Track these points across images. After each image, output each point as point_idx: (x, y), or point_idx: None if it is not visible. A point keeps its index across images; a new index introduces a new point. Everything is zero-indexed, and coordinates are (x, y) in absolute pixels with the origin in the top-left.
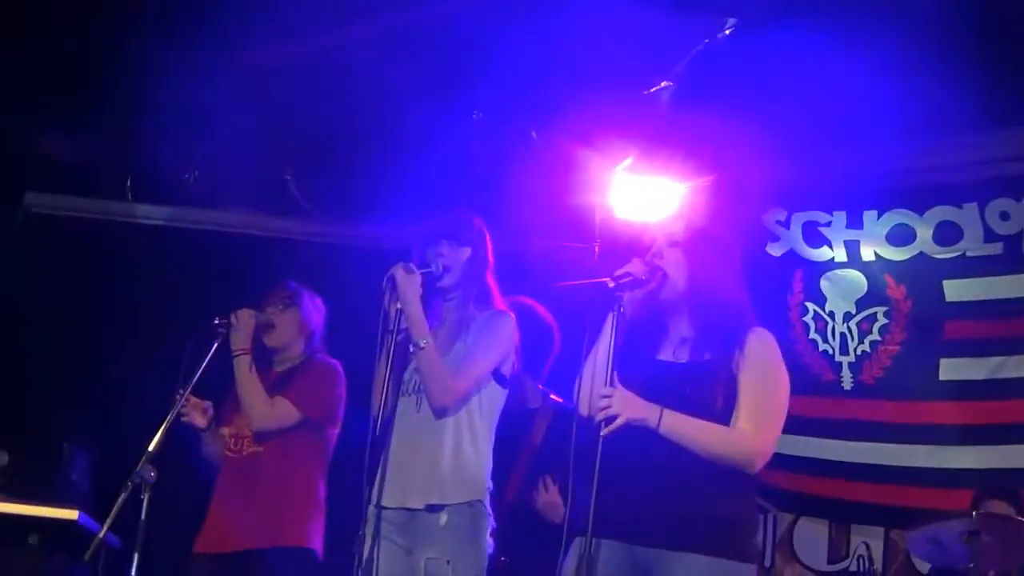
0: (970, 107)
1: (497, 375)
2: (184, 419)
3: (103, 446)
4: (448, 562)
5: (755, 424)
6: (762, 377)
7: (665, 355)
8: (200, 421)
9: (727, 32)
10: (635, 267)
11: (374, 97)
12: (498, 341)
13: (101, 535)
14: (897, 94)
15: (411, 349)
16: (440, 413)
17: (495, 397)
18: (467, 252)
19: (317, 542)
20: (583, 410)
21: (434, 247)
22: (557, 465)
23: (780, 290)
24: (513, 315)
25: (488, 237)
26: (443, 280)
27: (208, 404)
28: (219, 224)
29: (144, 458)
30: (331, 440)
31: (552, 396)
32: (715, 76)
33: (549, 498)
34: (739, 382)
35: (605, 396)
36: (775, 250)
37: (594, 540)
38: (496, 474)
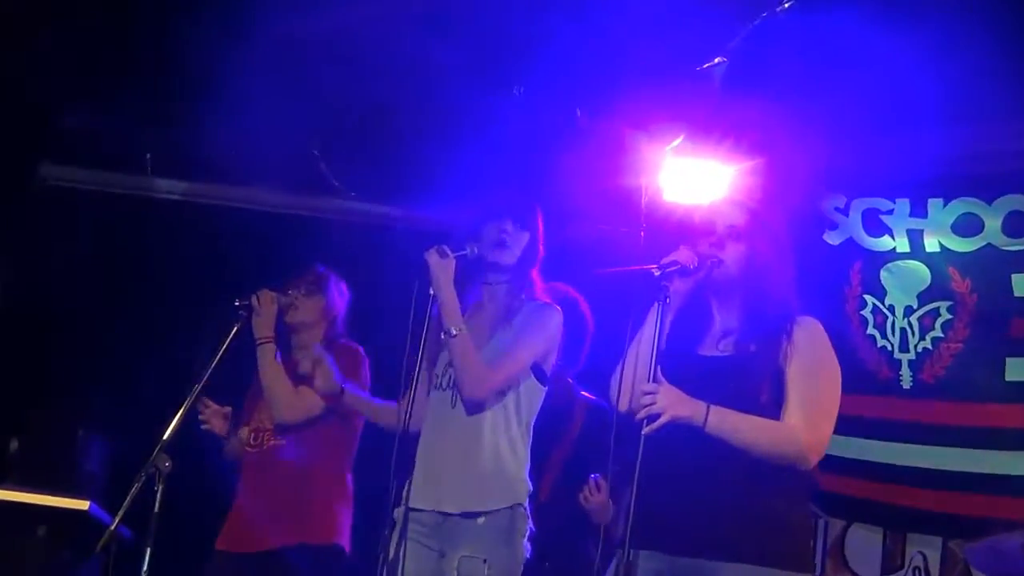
0: None
1: (537, 370)
2: (204, 427)
3: (120, 434)
4: (484, 560)
5: (806, 417)
6: (811, 368)
7: (708, 348)
8: (221, 427)
9: (785, 6)
10: (683, 255)
11: (413, 74)
12: (543, 335)
13: (112, 527)
14: (965, 74)
15: (442, 337)
16: (472, 408)
17: (534, 394)
18: (527, 237)
19: (345, 538)
20: (623, 406)
21: (497, 223)
22: (594, 465)
23: (837, 282)
24: (560, 309)
25: (542, 229)
26: (499, 256)
27: (228, 409)
28: (244, 201)
29: (158, 447)
30: (357, 430)
31: (584, 393)
32: (770, 54)
33: (601, 498)
34: (787, 374)
35: (649, 392)
36: (833, 238)
37: (632, 550)
38: (531, 473)
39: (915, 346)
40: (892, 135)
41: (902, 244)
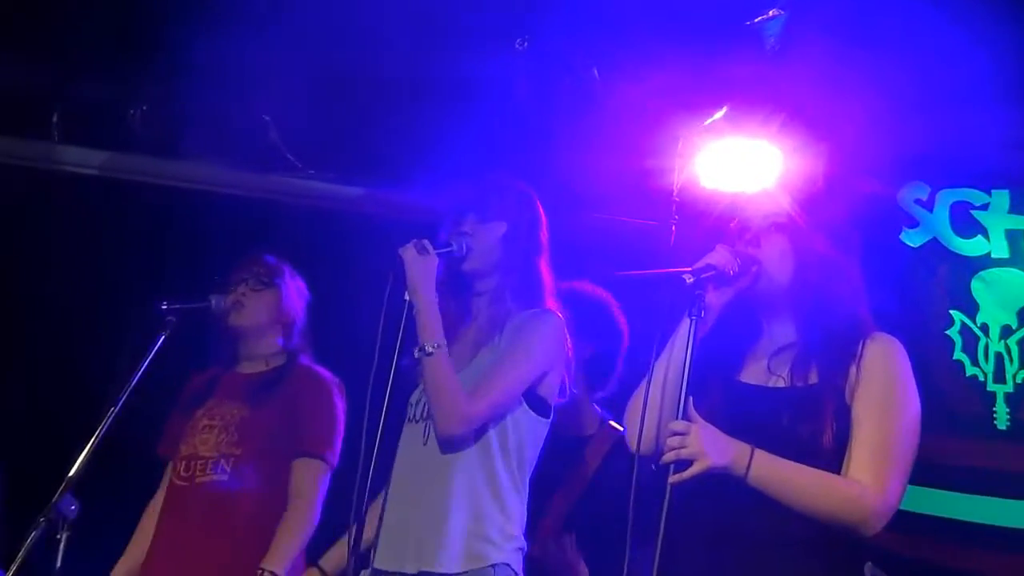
0: None
1: (532, 398)
2: None
3: (16, 466)
4: None
5: (875, 470)
6: (885, 404)
7: (754, 376)
8: None
9: None
10: (721, 257)
11: (387, 25)
12: (537, 351)
13: None
14: None
15: (416, 354)
16: (447, 445)
17: (529, 428)
18: (500, 229)
19: None
20: (644, 446)
21: (458, 222)
22: (608, 513)
23: (917, 293)
24: (562, 316)
25: (538, 210)
26: (465, 265)
27: None
28: (176, 178)
29: (63, 487)
30: (328, 469)
31: (612, 423)
32: (835, 8)
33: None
34: (854, 412)
35: (677, 432)
36: (912, 239)
37: None
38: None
39: (1014, 376)
40: (989, 110)
41: (999, 247)
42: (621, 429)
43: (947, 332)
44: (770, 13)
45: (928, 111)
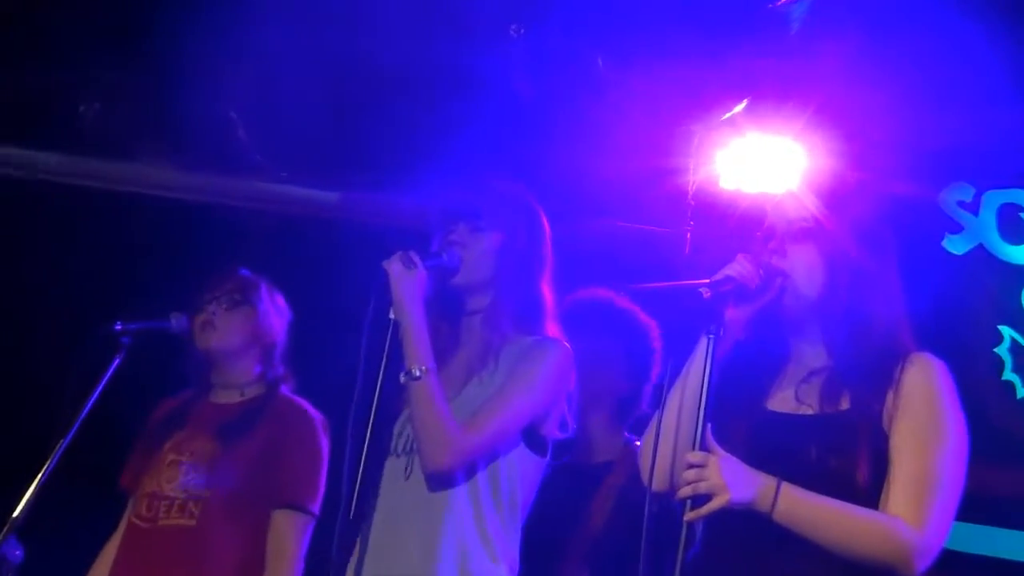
0: None
1: (531, 437)
2: None
3: None
4: None
5: (916, 505)
6: (927, 432)
7: (782, 403)
8: None
9: None
10: (742, 268)
11: (380, 13)
12: (541, 386)
13: None
14: None
15: (401, 379)
16: (435, 482)
17: (524, 468)
18: (496, 239)
19: None
20: (657, 482)
21: (448, 231)
22: (626, 551)
23: (961, 307)
24: (568, 348)
25: (541, 219)
26: (456, 279)
27: None
28: (137, 183)
29: (6, 529)
30: (311, 521)
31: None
32: None
33: None
34: (892, 441)
35: (694, 465)
36: (956, 246)
37: None
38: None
39: None
40: None
41: None
42: None
43: (995, 350)
44: None
45: (971, 104)
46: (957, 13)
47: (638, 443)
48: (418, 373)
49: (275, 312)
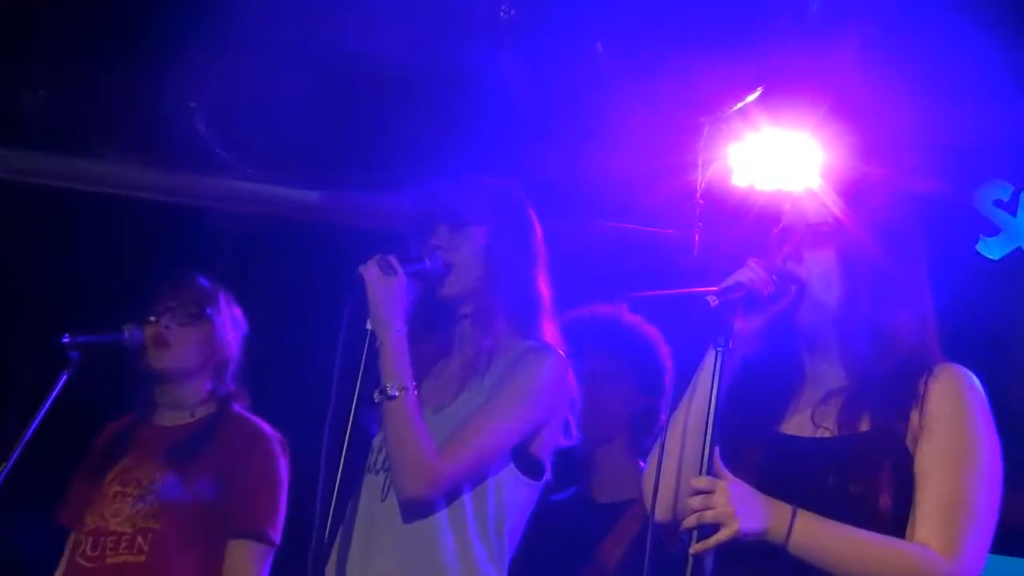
0: None
1: (522, 457)
2: None
3: None
4: None
5: (947, 534)
6: (957, 453)
7: (797, 427)
8: None
9: None
10: (753, 274)
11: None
12: (531, 400)
13: None
14: None
15: (376, 397)
16: (410, 511)
17: (515, 493)
18: (480, 235)
19: None
20: (661, 512)
21: (429, 233)
22: None
23: (997, 315)
24: (562, 355)
25: (527, 210)
26: (445, 289)
27: None
28: (86, 181)
29: None
30: (270, 551)
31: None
32: None
33: None
34: (918, 463)
35: (701, 491)
36: (992, 250)
37: None
38: None
39: None
40: None
41: None
42: None
43: None
44: None
45: (1008, 94)
46: None
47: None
48: (394, 392)
49: (232, 326)
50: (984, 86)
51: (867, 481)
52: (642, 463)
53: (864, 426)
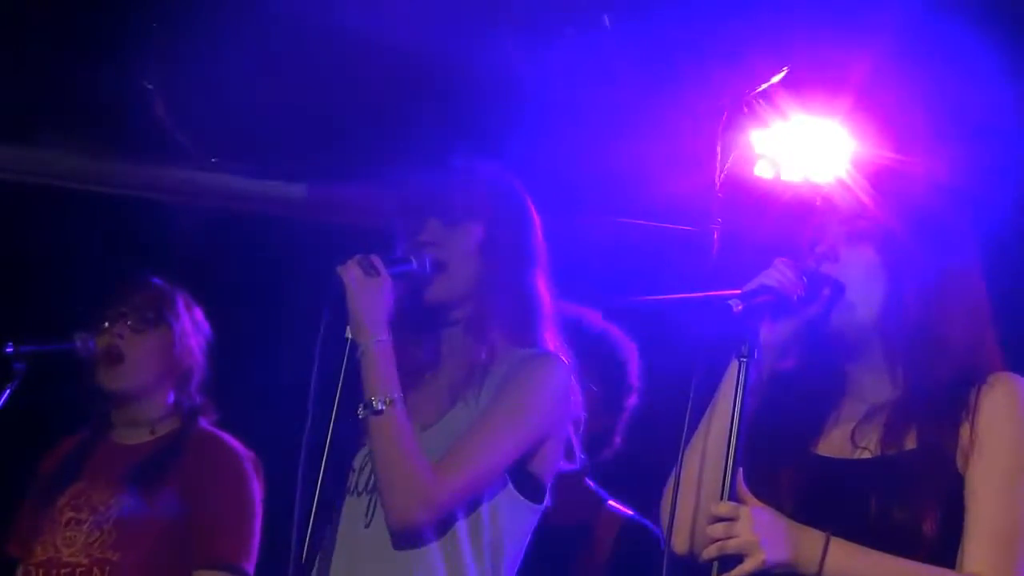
0: None
1: (520, 477)
2: None
3: None
4: None
5: (1002, 564)
6: (1012, 473)
7: (834, 447)
8: None
9: None
10: (781, 275)
11: None
12: (533, 413)
13: None
14: None
15: (360, 412)
16: (400, 537)
17: (513, 516)
18: (475, 234)
19: None
20: (678, 542)
21: (416, 229)
22: None
23: None
24: (565, 362)
25: (527, 205)
26: (433, 293)
27: None
28: (29, 171)
29: None
30: None
31: (612, 504)
32: None
33: None
34: (969, 484)
35: (723, 518)
36: None
37: None
38: None
39: None
40: None
41: None
42: (628, 514)
43: None
44: None
45: None
46: None
47: (614, 505)
48: (380, 406)
49: (193, 331)
50: None
51: (911, 505)
52: (590, 482)
53: (910, 444)
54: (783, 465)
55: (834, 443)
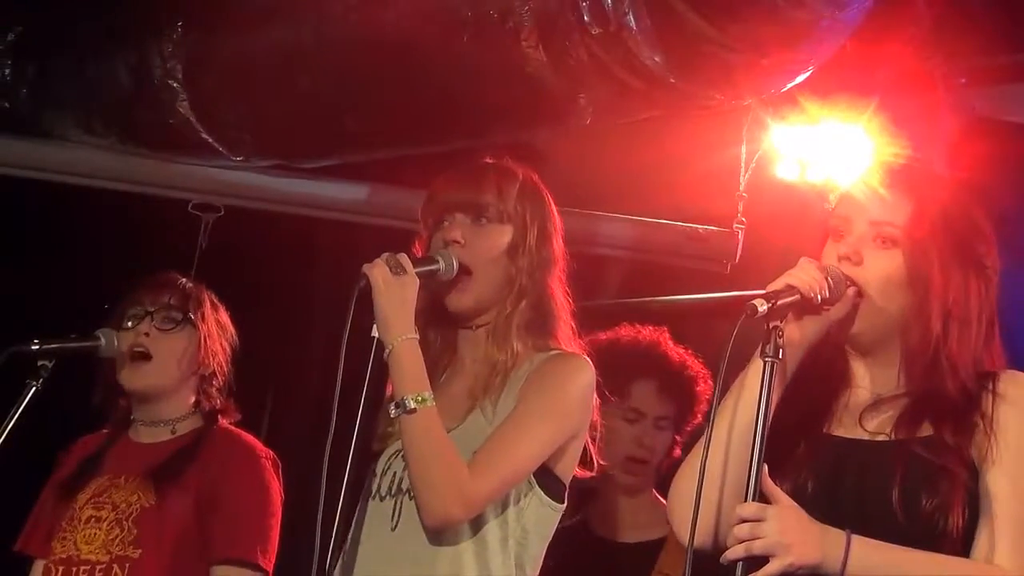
0: None
1: (545, 478)
2: None
3: None
4: None
5: (1019, 553)
6: None
7: (847, 427)
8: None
9: None
10: (807, 276)
11: None
12: (564, 414)
13: None
14: None
15: (392, 412)
16: (436, 538)
17: (538, 517)
18: (506, 236)
19: None
20: (702, 538)
21: (444, 227)
22: None
23: None
24: (590, 363)
25: (551, 209)
26: (456, 294)
27: None
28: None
29: None
30: None
31: None
32: None
33: None
34: (986, 476)
35: (749, 518)
36: None
37: None
38: None
39: None
40: None
41: None
42: None
43: None
44: None
45: None
46: None
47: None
48: (414, 405)
49: (218, 332)
50: None
51: (931, 493)
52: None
53: (927, 431)
54: (795, 444)
55: (846, 425)
